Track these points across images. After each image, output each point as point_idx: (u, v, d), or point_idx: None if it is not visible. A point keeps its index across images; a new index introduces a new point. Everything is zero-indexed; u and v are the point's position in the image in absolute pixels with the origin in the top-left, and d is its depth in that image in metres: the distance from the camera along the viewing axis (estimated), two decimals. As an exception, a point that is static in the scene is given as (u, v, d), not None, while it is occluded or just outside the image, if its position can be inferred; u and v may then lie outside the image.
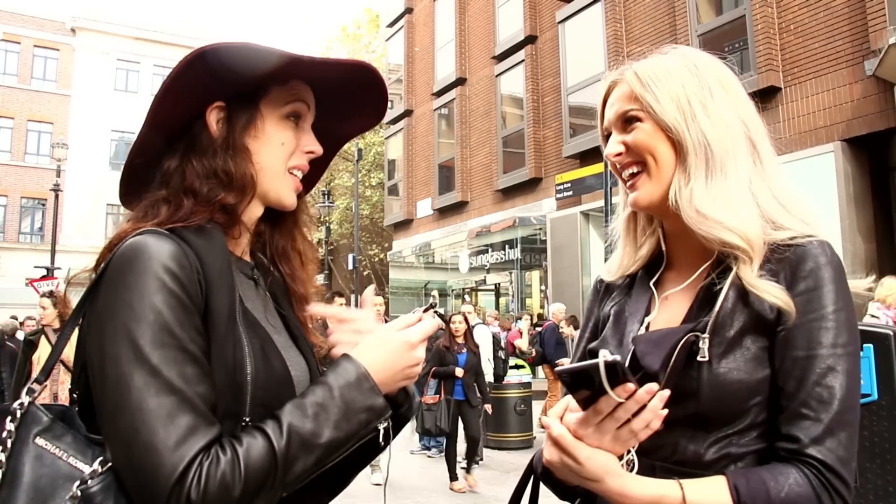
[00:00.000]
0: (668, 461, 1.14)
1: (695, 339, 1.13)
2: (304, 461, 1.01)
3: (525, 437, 9.78)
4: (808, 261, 1.12)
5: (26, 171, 31.75)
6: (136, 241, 1.03)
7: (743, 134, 1.21)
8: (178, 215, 1.10)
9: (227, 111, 1.16)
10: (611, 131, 1.29)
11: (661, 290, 1.30)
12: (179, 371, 0.97)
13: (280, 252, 1.30)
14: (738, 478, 1.06)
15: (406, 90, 21.45)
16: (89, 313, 1.04)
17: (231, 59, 1.09)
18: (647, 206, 1.25)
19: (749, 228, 1.14)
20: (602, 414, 1.03)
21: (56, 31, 33.14)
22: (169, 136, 1.16)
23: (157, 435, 0.93)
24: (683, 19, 11.86)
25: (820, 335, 1.09)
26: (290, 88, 1.20)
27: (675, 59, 1.25)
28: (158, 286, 0.99)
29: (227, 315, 1.06)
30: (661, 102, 1.20)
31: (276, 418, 1.02)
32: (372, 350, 1.13)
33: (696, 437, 1.13)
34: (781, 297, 1.10)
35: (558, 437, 1.07)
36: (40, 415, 1.01)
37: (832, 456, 1.04)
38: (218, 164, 1.13)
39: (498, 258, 17.49)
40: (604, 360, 0.97)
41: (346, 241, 26.73)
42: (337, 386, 1.06)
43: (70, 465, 0.97)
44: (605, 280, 1.43)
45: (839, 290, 1.11)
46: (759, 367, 1.11)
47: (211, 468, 0.93)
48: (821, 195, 9.36)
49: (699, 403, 1.11)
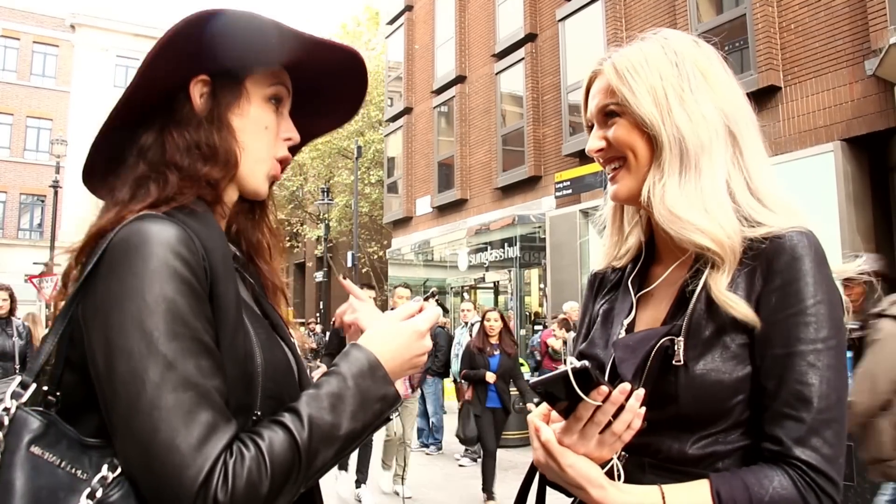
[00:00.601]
0: (655, 458, 1.13)
1: (669, 344, 1.11)
2: (325, 454, 0.97)
3: (523, 434, 9.76)
4: (784, 254, 1.08)
5: (25, 167, 31.73)
6: (137, 227, 0.95)
7: (722, 126, 1.18)
8: (167, 192, 1.03)
9: (210, 86, 1.10)
10: (593, 123, 1.28)
11: (645, 284, 1.29)
12: (196, 364, 0.91)
13: (255, 244, 1.24)
14: (721, 482, 1.04)
15: (406, 88, 21.42)
16: (86, 306, 0.96)
17: (232, 28, 1.04)
18: (625, 199, 1.25)
19: (721, 231, 1.11)
20: (582, 420, 1.02)
21: (55, 27, 33.09)
22: (145, 109, 1.09)
23: (177, 434, 0.86)
24: (684, 18, 11.86)
25: (798, 331, 1.06)
26: (274, 70, 1.15)
27: (655, 46, 1.22)
28: (170, 273, 0.92)
29: (235, 304, 1.01)
30: (638, 96, 1.18)
31: (293, 411, 0.97)
32: (381, 338, 1.10)
33: (680, 437, 1.12)
34: (744, 312, 1.08)
35: (545, 442, 1.07)
36: (31, 420, 0.92)
37: (816, 456, 1.02)
38: (201, 137, 1.08)
39: (497, 256, 17.48)
40: (571, 367, 0.97)
41: (346, 239, 26.71)
42: (350, 375, 1.03)
43: (69, 473, 0.89)
44: (597, 271, 1.43)
45: (818, 282, 1.07)
46: (739, 366, 1.09)
47: (236, 466, 0.88)
48: (820, 195, 9.36)
49: (679, 406, 1.10)
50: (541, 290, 16.75)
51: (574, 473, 1.05)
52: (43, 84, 32.62)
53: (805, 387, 1.05)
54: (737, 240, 1.12)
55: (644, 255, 1.32)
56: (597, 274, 1.43)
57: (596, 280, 1.43)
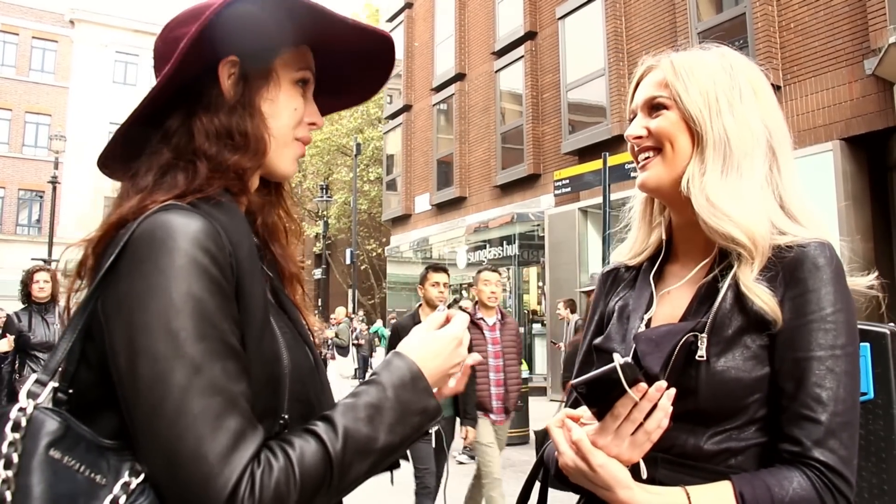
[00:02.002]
0: (669, 453, 1.15)
1: (693, 339, 1.14)
2: (359, 467, 0.93)
3: (522, 432, 9.78)
4: (807, 262, 1.13)
5: (24, 163, 31.68)
6: (162, 219, 0.90)
7: (765, 139, 1.22)
8: (196, 183, 0.98)
9: (239, 68, 1.05)
10: (637, 113, 1.30)
11: (664, 283, 1.31)
12: (223, 367, 0.86)
13: (271, 227, 1.17)
14: (744, 484, 1.07)
15: (405, 85, 21.41)
16: (107, 301, 0.90)
17: (263, 5, 0.99)
18: (654, 187, 1.27)
19: (756, 227, 1.15)
20: (620, 418, 1.05)
21: (55, 22, 33.03)
22: (170, 93, 1.03)
23: (204, 442, 0.82)
24: (684, 16, 11.85)
25: (819, 336, 1.10)
26: (301, 52, 1.11)
27: (713, 56, 1.27)
28: (198, 270, 0.87)
29: (262, 303, 0.97)
30: (690, 93, 1.22)
31: (328, 420, 0.93)
32: (421, 347, 1.05)
33: (696, 431, 1.15)
34: (770, 305, 1.11)
35: (578, 440, 1.08)
36: (50, 421, 0.85)
37: (834, 457, 1.06)
38: (233, 124, 1.02)
39: (496, 254, 17.48)
40: (618, 363, 0.99)
41: (344, 236, 26.72)
42: (391, 386, 0.98)
43: (89, 478, 0.84)
44: (610, 269, 1.46)
45: (838, 291, 1.12)
46: (758, 366, 1.12)
47: (264, 477, 0.84)
48: (819, 194, 9.36)
49: (698, 401, 1.13)
50: (539, 288, 16.77)
51: (604, 474, 1.07)
52: (42, 79, 32.55)
53: (823, 390, 1.09)
54: (767, 241, 1.15)
55: (662, 254, 1.34)
56: (609, 272, 1.46)
57: (609, 277, 1.46)
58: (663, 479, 1.13)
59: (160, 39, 1.08)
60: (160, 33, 1.09)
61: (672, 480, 1.13)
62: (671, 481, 1.13)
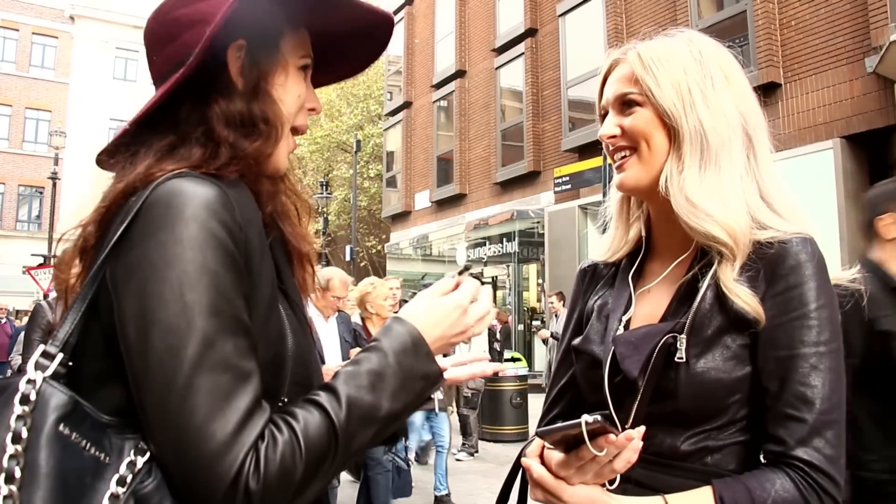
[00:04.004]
0: (646, 452, 1.13)
1: (672, 341, 1.12)
2: (363, 436, 0.91)
3: (520, 429, 9.79)
4: (788, 258, 1.10)
5: (24, 158, 31.68)
6: (178, 186, 0.87)
7: (740, 127, 1.19)
8: (215, 164, 0.94)
9: (245, 52, 1.00)
10: (608, 110, 1.27)
11: (643, 280, 1.29)
12: (235, 344, 0.84)
13: (280, 210, 1.12)
14: (724, 488, 1.05)
15: (405, 82, 21.38)
16: (116, 270, 0.86)
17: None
18: (632, 188, 1.24)
19: (737, 225, 1.12)
20: (584, 460, 1.01)
21: (55, 18, 33.00)
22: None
23: (214, 420, 0.80)
24: (684, 14, 11.83)
25: (802, 334, 1.08)
26: (301, 36, 1.07)
27: (681, 43, 1.22)
28: (214, 242, 0.84)
29: (271, 282, 0.95)
30: (662, 87, 1.18)
31: (330, 389, 0.91)
32: (422, 313, 1.02)
33: (674, 432, 1.13)
34: (752, 305, 1.09)
35: (539, 479, 1.07)
36: (59, 394, 0.82)
37: (819, 456, 1.04)
38: (256, 111, 0.99)
39: (495, 251, 17.48)
40: (584, 421, 0.95)
41: (344, 233, 26.70)
42: (392, 352, 0.96)
43: (94, 456, 0.81)
44: (588, 265, 1.42)
45: (821, 287, 1.09)
46: (739, 366, 1.10)
47: (269, 452, 0.82)
48: (820, 192, 9.35)
49: (677, 402, 1.12)
50: (539, 285, 16.77)
51: (577, 500, 1.05)
52: (42, 75, 32.53)
53: (808, 388, 1.06)
54: (748, 237, 1.13)
55: (643, 250, 1.32)
56: (587, 268, 1.43)
57: (587, 274, 1.43)
58: (639, 479, 1.11)
59: (155, 21, 1.04)
60: (154, 14, 1.05)
61: (648, 479, 1.12)
62: (648, 480, 1.12)
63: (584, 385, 1.29)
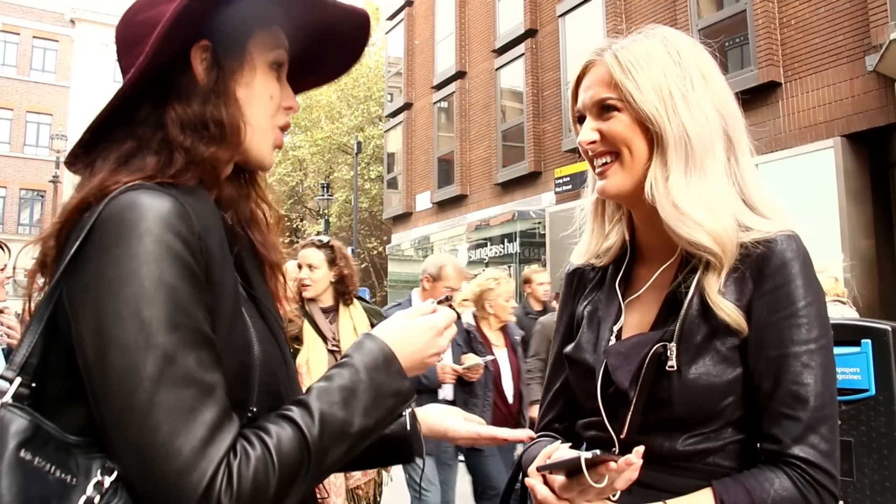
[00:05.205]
0: (646, 458, 1.14)
1: (662, 349, 1.12)
2: (336, 452, 0.91)
3: (522, 430, 9.77)
4: (774, 258, 1.10)
5: (25, 162, 31.73)
6: (131, 199, 0.85)
7: (721, 128, 1.17)
8: (170, 172, 0.92)
9: (211, 52, 0.98)
10: (584, 115, 1.24)
11: (632, 286, 1.28)
12: (197, 357, 0.82)
13: (249, 216, 1.11)
14: (723, 490, 1.07)
15: (406, 83, 21.39)
16: (72, 289, 0.85)
17: None
18: (615, 195, 1.23)
19: (725, 232, 1.12)
20: (585, 485, 1.02)
21: (55, 22, 33.05)
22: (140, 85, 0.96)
23: (178, 436, 0.79)
24: (684, 14, 11.83)
25: (792, 332, 1.09)
26: (273, 32, 1.04)
27: (657, 43, 1.19)
28: (170, 255, 0.83)
29: (233, 291, 0.93)
30: (643, 91, 1.15)
31: (303, 405, 0.90)
32: (395, 330, 1.03)
33: (672, 436, 1.14)
34: (734, 318, 1.10)
35: (543, 500, 1.08)
36: (18, 419, 0.80)
37: (814, 452, 1.05)
38: (208, 113, 0.96)
39: (497, 252, 17.46)
40: (584, 458, 0.97)
41: (345, 234, 26.70)
42: (364, 367, 0.96)
43: (59, 479, 0.80)
44: (575, 268, 1.40)
45: (807, 284, 1.10)
46: (730, 368, 1.11)
47: (241, 467, 0.81)
48: (820, 191, 9.35)
49: (672, 410, 1.12)
50: (540, 285, 16.75)
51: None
52: (43, 79, 32.60)
53: (801, 386, 1.07)
54: (735, 242, 1.12)
55: (627, 256, 1.31)
56: (575, 271, 1.41)
57: (574, 278, 1.41)
58: (644, 479, 1.11)
59: (122, 25, 1.03)
60: (122, 18, 1.03)
61: (653, 480, 1.12)
62: (653, 480, 1.12)
63: (579, 393, 1.29)
